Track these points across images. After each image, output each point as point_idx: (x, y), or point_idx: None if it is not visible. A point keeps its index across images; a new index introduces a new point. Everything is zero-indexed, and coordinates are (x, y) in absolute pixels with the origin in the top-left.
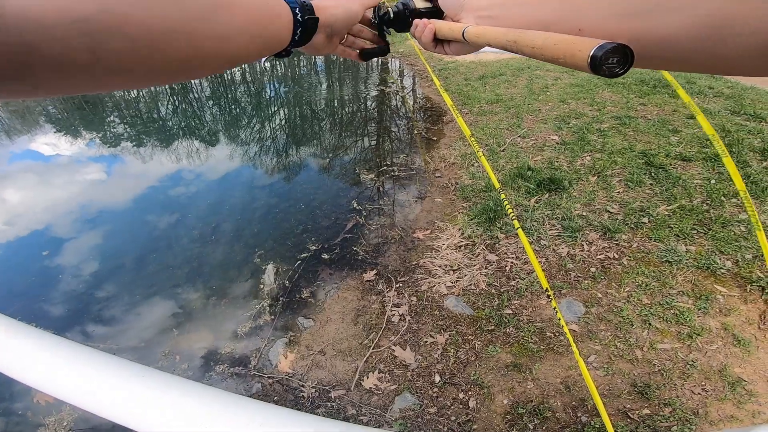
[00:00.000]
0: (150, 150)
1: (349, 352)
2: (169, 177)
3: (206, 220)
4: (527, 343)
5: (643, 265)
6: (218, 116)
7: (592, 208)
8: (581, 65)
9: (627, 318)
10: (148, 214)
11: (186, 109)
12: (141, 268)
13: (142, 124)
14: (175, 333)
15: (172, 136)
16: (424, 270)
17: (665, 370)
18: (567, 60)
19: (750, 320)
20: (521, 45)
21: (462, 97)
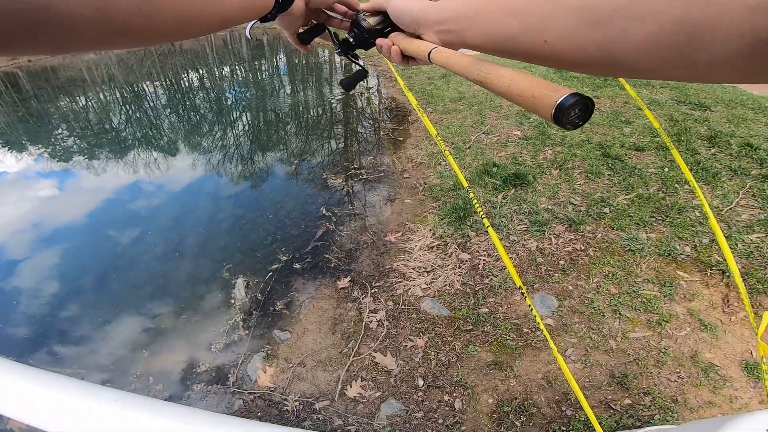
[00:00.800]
0: (104, 163)
1: (330, 361)
2: (127, 190)
3: (169, 235)
4: (505, 340)
5: (608, 255)
6: (177, 125)
7: (556, 201)
8: (546, 118)
9: (598, 309)
10: (106, 230)
11: (141, 118)
12: (102, 289)
13: (93, 136)
14: (145, 354)
15: (127, 148)
16: (398, 273)
17: (640, 359)
18: (532, 110)
19: (714, 304)
20: (488, 84)
21: (426, 96)
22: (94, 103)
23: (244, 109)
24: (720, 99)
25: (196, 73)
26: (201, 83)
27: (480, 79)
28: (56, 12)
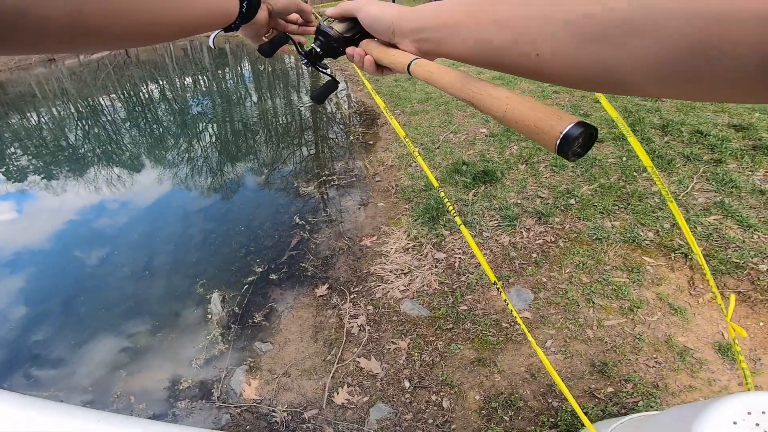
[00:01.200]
0: (63, 182)
1: (314, 370)
2: (91, 210)
3: (138, 253)
4: (486, 336)
5: (577, 245)
6: (138, 139)
7: (525, 195)
8: (549, 149)
9: (573, 299)
10: (71, 252)
11: (99, 133)
12: (72, 311)
13: (49, 154)
14: (123, 374)
15: (87, 165)
16: (376, 277)
17: (617, 347)
18: (532, 139)
19: (680, 287)
20: (480, 106)
21: (394, 98)
22: (47, 120)
23: (210, 119)
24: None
25: (156, 85)
26: (162, 95)
27: (470, 100)
28: (34, 15)
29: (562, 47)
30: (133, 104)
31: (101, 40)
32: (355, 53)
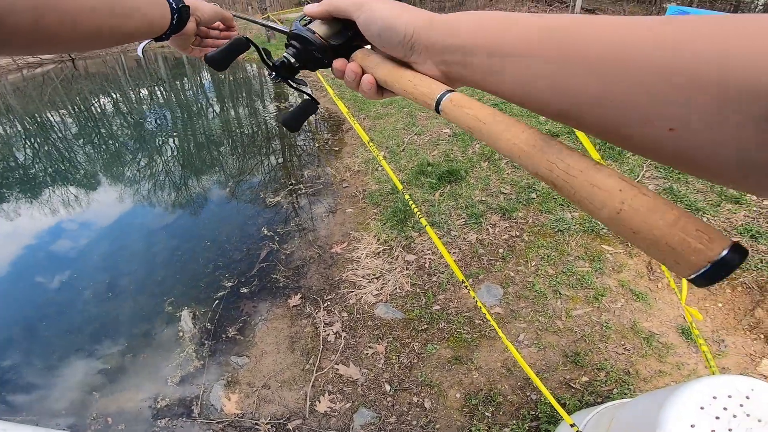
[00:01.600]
0: (14, 204)
1: (294, 380)
2: (47, 232)
3: (100, 275)
4: (461, 334)
5: (541, 238)
6: (93, 155)
7: (489, 192)
8: (682, 274)
9: (540, 291)
10: (28, 277)
11: (50, 151)
12: (35, 337)
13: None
14: (96, 396)
15: (39, 185)
16: (348, 283)
17: (586, 336)
18: (657, 258)
19: (640, 273)
20: (568, 192)
21: (357, 102)
22: None
23: (169, 132)
24: None
25: (109, 98)
26: (116, 108)
27: (553, 181)
28: (5, 26)
29: (719, 123)
30: (85, 119)
31: (55, 45)
32: (348, 69)
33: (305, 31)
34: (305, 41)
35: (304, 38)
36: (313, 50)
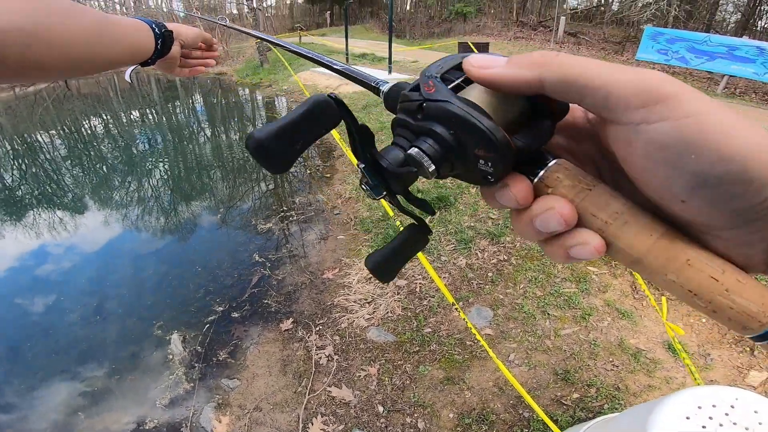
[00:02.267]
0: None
1: (286, 402)
2: (31, 255)
3: (86, 298)
4: (452, 355)
5: (528, 261)
6: (82, 178)
7: (477, 217)
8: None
9: (529, 312)
10: (11, 300)
11: (38, 173)
12: (17, 358)
13: None
14: (81, 416)
15: (25, 207)
16: (340, 308)
17: (575, 354)
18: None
19: (624, 293)
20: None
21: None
22: None
23: (160, 156)
24: None
25: (100, 120)
26: (107, 130)
27: None
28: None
29: None
30: (75, 141)
31: (43, 74)
32: (549, 210)
33: (472, 114)
34: (470, 134)
35: (472, 129)
36: (481, 156)
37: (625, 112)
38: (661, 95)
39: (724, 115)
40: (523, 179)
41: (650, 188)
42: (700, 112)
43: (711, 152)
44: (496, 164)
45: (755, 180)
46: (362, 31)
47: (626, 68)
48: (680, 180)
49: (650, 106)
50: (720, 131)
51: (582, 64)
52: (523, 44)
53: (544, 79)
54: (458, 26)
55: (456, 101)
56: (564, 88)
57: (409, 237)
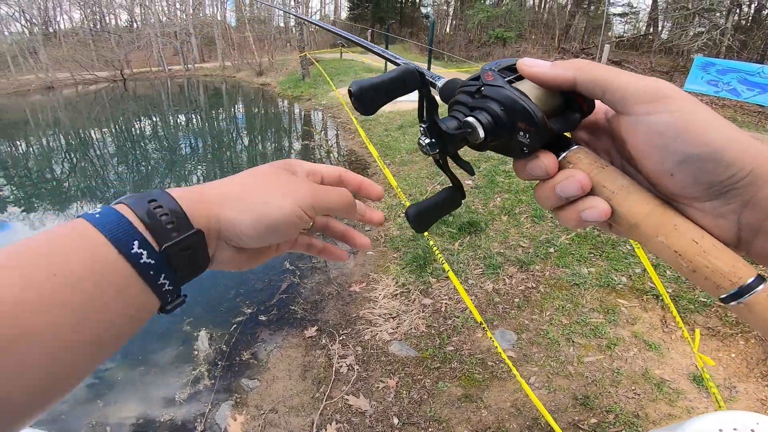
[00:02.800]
0: (41, 215)
1: (302, 407)
2: None
3: None
4: (473, 374)
5: (556, 290)
6: (125, 176)
7: (507, 244)
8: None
9: (554, 339)
10: None
11: (86, 167)
12: None
13: (32, 186)
14: (99, 404)
15: (69, 199)
16: (364, 320)
17: (597, 381)
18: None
19: (654, 326)
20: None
21: (384, 147)
22: (36, 149)
23: (199, 160)
24: None
25: (150, 121)
26: (154, 131)
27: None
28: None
29: None
30: (124, 139)
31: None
32: (569, 178)
33: (521, 97)
34: (517, 112)
35: (521, 108)
36: (521, 129)
37: (635, 106)
38: (662, 95)
39: (706, 113)
40: (551, 155)
41: (649, 165)
42: (689, 109)
43: (694, 137)
44: (533, 137)
45: (724, 160)
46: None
47: (638, 75)
48: (671, 157)
49: (654, 102)
50: (702, 123)
51: (607, 70)
52: None
53: (578, 78)
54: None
55: (510, 87)
56: (592, 85)
57: (447, 196)
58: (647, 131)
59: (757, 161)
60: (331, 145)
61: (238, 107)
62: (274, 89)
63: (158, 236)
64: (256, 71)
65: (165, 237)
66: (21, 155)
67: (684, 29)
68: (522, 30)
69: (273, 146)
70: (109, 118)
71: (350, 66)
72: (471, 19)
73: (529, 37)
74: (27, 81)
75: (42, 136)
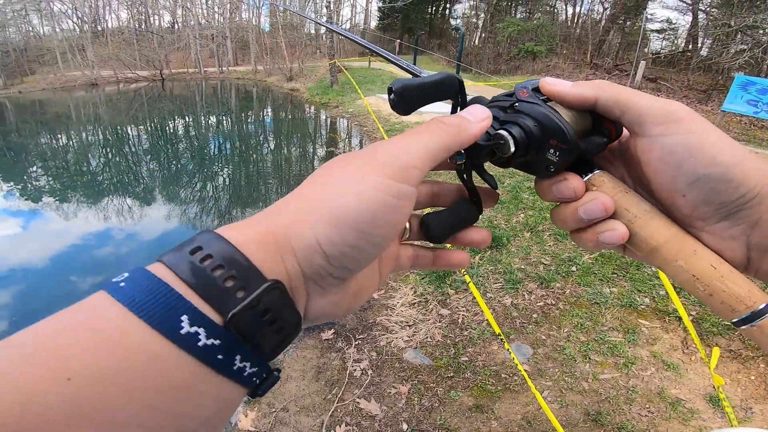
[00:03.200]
0: (75, 206)
1: (313, 407)
2: (94, 237)
3: None
4: (485, 385)
5: (576, 308)
6: (155, 173)
7: (528, 261)
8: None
9: (570, 355)
10: (68, 274)
11: (120, 162)
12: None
13: (68, 178)
14: None
15: (101, 193)
16: (381, 327)
17: (611, 398)
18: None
19: (674, 347)
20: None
21: None
22: (75, 143)
23: (226, 161)
24: None
25: (182, 120)
26: (186, 131)
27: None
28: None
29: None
30: (158, 137)
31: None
32: (593, 201)
33: (555, 115)
34: (551, 129)
35: (554, 125)
36: (552, 147)
37: (650, 127)
38: (675, 117)
39: (716, 135)
40: (578, 177)
41: (662, 186)
42: (701, 131)
43: (705, 158)
44: (562, 156)
45: (733, 181)
46: (429, 62)
47: (654, 97)
48: (683, 178)
49: (668, 123)
50: (712, 145)
51: (627, 91)
52: None
53: (599, 97)
54: (527, 65)
55: (544, 105)
56: (612, 105)
57: (464, 209)
58: (661, 151)
59: (765, 182)
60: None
61: (267, 111)
62: (302, 95)
63: (217, 302)
64: (286, 76)
65: (226, 301)
66: (61, 148)
67: (725, 46)
68: (553, 44)
69: (298, 151)
70: (145, 116)
71: (378, 75)
72: (501, 33)
73: (560, 52)
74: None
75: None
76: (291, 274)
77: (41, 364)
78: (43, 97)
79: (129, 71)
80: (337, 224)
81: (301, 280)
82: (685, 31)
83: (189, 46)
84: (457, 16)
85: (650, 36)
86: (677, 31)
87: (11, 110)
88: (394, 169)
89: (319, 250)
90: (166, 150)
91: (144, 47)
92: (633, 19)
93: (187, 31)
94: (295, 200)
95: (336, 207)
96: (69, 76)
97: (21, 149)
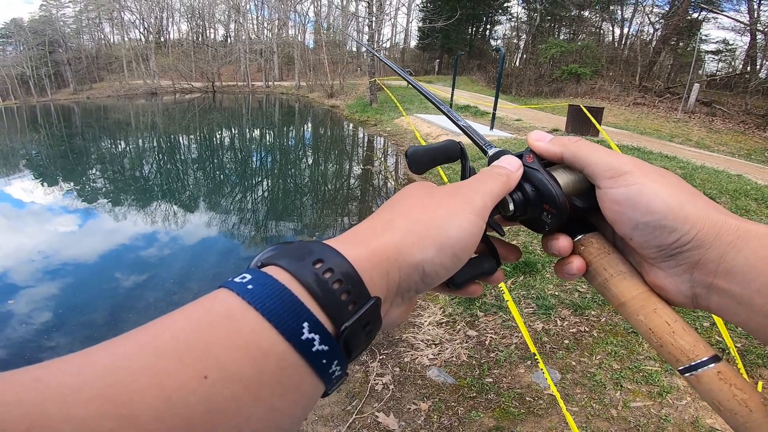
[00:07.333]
0: (126, 208)
1: (332, 417)
2: (141, 238)
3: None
4: (508, 407)
5: (611, 336)
6: (201, 181)
7: (563, 288)
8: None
9: (600, 381)
10: (115, 271)
11: (170, 169)
12: (112, 323)
13: (122, 182)
14: None
15: (151, 198)
16: (406, 344)
17: (640, 426)
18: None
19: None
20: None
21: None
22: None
23: (266, 174)
24: (725, 189)
25: (229, 132)
26: (231, 143)
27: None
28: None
29: None
30: (206, 148)
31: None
32: (573, 264)
33: (550, 182)
34: (544, 195)
35: (547, 192)
36: (546, 210)
37: (602, 180)
38: (621, 171)
39: (657, 186)
40: (568, 238)
41: (617, 230)
42: (642, 183)
43: (643, 207)
44: (554, 219)
45: (667, 227)
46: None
47: (612, 153)
48: (627, 224)
49: (615, 177)
50: (651, 195)
51: (587, 147)
52: (644, 111)
53: (563, 154)
54: (570, 87)
55: (543, 171)
56: (573, 161)
57: (487, 262)
58: (610, 202)
59: (700, 226)
60: (390, 172)
61: (308, 126)
62: (342, 112)
63: (333, 313)
64: (327, 93)
65: (342, 314)
66: (119, 153)
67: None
68: (599, 66)
69: (335, 167)
70: (196, 126)
71: (416, 94)
72: (543, 54)
73: (606, 74)
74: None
75: (139, 138)
76: (389, 292)
77: (184, 361)
78: (107, 103)
79: (185, 82)
80: (442, 249)
81: (393, 292)
82: (743, 53)
83: (239, 60)
84: (497, 37)
85: (705, 57)
86: (734, 53)
87: (78, 114)
88: (476, 207)
89: (420, 269)
90: (212, 160)
91: (199, 59)
92: (686, 40)
93: (238, 45)
94: (400, 220)
95: (442, 235)
96: (132, 85)
97: (83, 152)
